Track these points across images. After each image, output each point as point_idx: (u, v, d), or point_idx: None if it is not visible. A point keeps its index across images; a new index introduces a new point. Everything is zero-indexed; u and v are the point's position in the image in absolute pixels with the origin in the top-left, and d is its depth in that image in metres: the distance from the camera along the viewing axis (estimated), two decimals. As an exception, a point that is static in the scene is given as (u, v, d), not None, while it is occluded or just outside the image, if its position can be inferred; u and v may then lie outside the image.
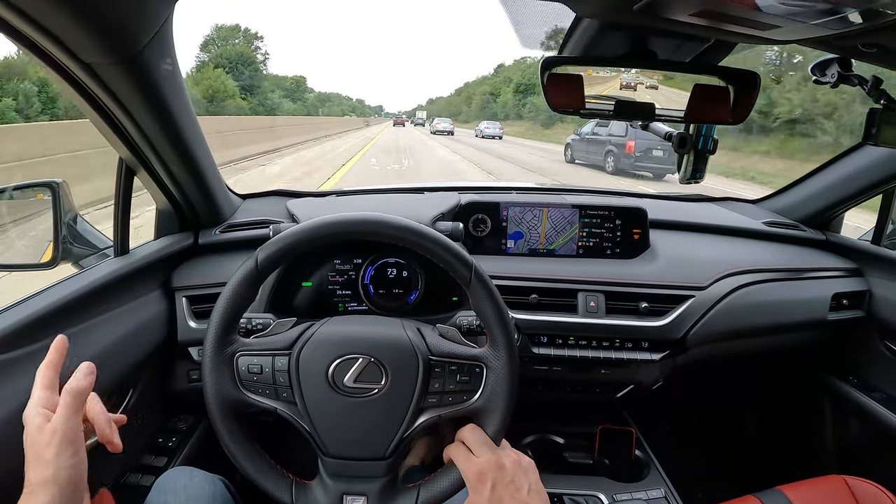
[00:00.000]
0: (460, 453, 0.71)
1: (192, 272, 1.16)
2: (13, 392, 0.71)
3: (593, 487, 1.14)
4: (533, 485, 0.69)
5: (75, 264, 1.08)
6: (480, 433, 0.71)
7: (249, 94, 47.58)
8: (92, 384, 0.63)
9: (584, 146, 13.94)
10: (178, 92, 0.89)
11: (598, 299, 1.19)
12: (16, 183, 1.07)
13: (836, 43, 0.79)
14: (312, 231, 0.72)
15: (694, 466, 1.64)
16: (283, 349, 0.73)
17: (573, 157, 14.80)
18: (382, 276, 1.17)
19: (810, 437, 1.60)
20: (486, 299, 0.73)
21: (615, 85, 0.90)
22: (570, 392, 1.29)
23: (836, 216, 1.53)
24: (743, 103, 0.83)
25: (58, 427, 0.59)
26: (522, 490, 0.67)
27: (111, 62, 0.74)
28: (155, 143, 0.94)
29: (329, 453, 0.71)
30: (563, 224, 1.29)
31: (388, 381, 0.71)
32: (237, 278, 0.71)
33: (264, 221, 1.27)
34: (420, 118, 74.94)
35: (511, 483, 0.67)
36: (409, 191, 1.57)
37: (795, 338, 1.41)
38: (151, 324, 1.06)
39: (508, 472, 0.68)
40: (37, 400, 0.61)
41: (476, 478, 0.67)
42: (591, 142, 13.50)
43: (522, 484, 0.68)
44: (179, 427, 1.21)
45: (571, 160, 14.86)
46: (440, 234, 0.73)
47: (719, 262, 1.29)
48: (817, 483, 1.10)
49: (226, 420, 0.70)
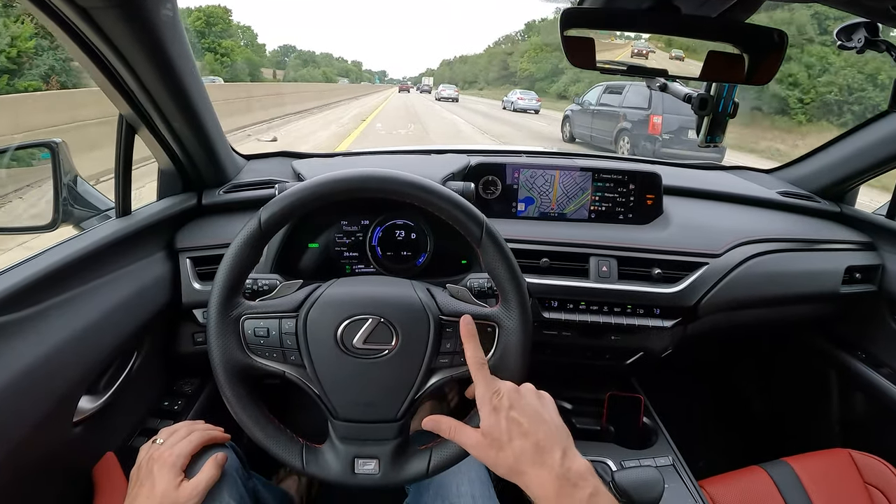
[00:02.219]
0: (479, 377, 0.67)
1: (196, 233, 1.14)
2: (14, 354, 0.69)
3: (601, 453, 1.14)
4: (554, 416, 0.65)
5: (76, 226, 1.06)
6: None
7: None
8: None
9: (588, 120, 10.87)
10: (178, 40, 0.85)
11: (611, 264, 1.17)
12: (17, 143, 1.05)
13: (866, 3, 0.76)
14: (316, 188, 0.70)
15: (701, 436, 1.65)
16: (289, 311, 0.71)
17: (572, 135, 11.81)
18: (390, 237, 1.15)
19: (816, 410, 1.60)
20: (497, 257, 0.71)
21: (627, 51, 0.87)
22: (579, 358, 1.28)
23: (851, 188, 1.50)
24: (767, 63, 0.80)
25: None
26: (544, 417, 0.63)
27: (108, 5, 0.70)
28: (156, 96, 0.90)
29: (339, 416, 0.71)
30: (576, 189, 1.27)
31: (398, 341, 0.70)
32: (240, 239, 0.69)
33: (269, 181, 1.24)
34: (426, 84, 73.61)
35: (528, 410, 0.63)
36: (417, 153, 1.54)
37: (806, 309, 1.39)
38: (155, 286, 1.04)
39: (528, 399, 0.65)
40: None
41: (491, 399, 0.64)
42: (599, 115, 10.44)
43: (542, 413, 0.64)
44: (185, 390, 1.21)
45: (570, 138, 11.91)
46: (449, 190, 0.71)
47: (733, 231, 1.26)
48: (822, 456, 1.11)
49: (233, 385, 0.69)
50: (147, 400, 1.12)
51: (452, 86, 46.45)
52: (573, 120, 11.79)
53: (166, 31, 0.80)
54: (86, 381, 0.83)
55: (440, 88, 43.07)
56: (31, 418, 0.70)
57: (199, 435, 0.78)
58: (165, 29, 0.80)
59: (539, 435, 0.61)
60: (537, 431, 0.61)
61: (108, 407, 0.89)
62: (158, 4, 0.76)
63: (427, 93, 60.17)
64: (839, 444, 1.16)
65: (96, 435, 0.88)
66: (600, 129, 10.30)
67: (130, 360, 1.00)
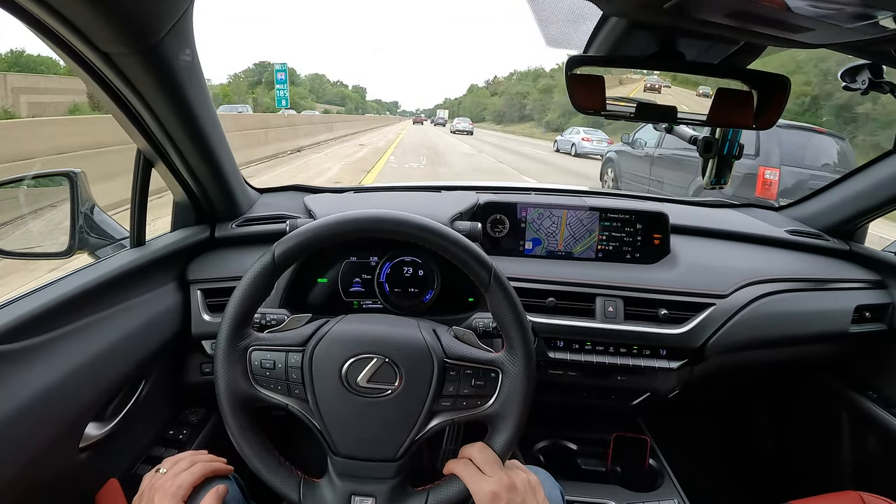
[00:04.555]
0: (469, 472, 0.69)
1: (208, 265, 1.16)
2: (28, 378, 0.71)
3: (606, 495, 1.13)
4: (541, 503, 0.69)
5: (91, 254, 1.08)
6: (490, 452, 0.70)
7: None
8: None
9: (644, 167, 7.66)
10: (197, 83, 0.89)
11: (617, 304, 1.17)
12: (35, 172, 1.08)
13: (868, 49, 0.77)
14: (330, 227, 0.71)
15: (708, 477, 1.62)
16: (297, 345, 0.72)
17: (617, 184, 8.63)
18: (398, 274, 1.16)
19: (826, 451, 1.56)
20: (504, 303, 0.72)
21: (639, 87, 0.89)
22: (585, 398, 1.27)
23: (860, 226, 1.50)
24: (771, 108, 0.82)
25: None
26: None
27: (130, 52, 0.73)
28: (173, 134, 0.94)
29: (339, 452, 0.71)
30: (583, 231, 1.28)
31: (401, 382, 0.70)
32: (253, 272, 0.70)
33: (281, 216, 1.26)
34: (441, 117, 72.08)
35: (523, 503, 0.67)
36: (427, 189, 1.56)
37: (816, 350, 1.38)
38: (166, 316, 1.06)
39: (520, 492, 0.67)
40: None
41: (489, 499, 0.66)
42: (663, 162, 7.17)
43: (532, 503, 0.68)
44: (190, 420, 1.21)
45: (614, 187, 8.72)
46: (459, 234, 0.72)
47: (741, 271, 1.26)
48: (832, 498, 1.09)
49: (236, 414, 0.70)
50: (153, 428, 1.12)
51: (466, 119, 47.69)
52: (619, 165, 8.66)
53: (185, 74, 0.84)
54: (94, 407, 0.84)
55: (455, 122, 44.09)
56: (40, 442, 0.71)
57: (201, 466, 0.78)
58: (184, 73, 0.83)
59: None
60: None
61: (114, 434, 0.90)
62: (178, 51, 0.79)
63: (442, 125, 59.83)
64: (850, 485, 1.14)
65: (101, 461, 0.89)
66: (668, 180, 6.98)
67: (138, 388, 1.01)
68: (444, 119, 68.75)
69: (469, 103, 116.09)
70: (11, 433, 0.67)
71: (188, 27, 0.79)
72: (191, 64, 0.84)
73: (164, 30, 0.74)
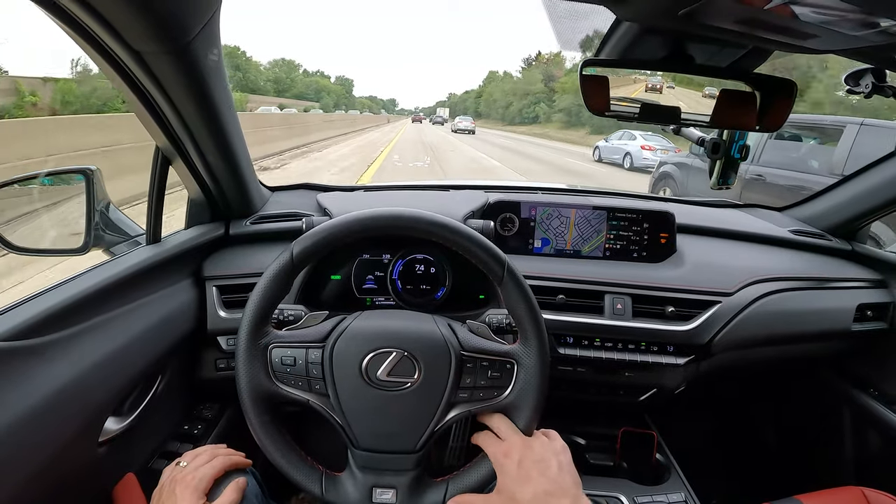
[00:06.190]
0: (489, 438, 0.72)
1: (223, 262, 1.18)
2: (49, 375, 0.72)
3: (614, 489, 1.14)
4: (565, 464, 0.69)
5: (106, 251, 1.09)
6: (509, 421, 0.72)
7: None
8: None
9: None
10: (221, 83, 0.90)
11: (625, 302, 1.19)
12: (49, 169, 1.09)
13: (872, 54, 0.79)
14: (348, 225, 0.73)
15: (713, 472, 1.64)
16: (316, 342, 0.74)
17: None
18: (410, 271, 1.18)
19: (829, 447, 1.58)
20: (518, 296, 0.73)
21: (640, 88, 0.90)
22: (593, 393, 1.29)
23: (862, 227, 1.51)
24: (777, 111, 0.84)
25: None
26: (552, 468, 0.67)
27: (162, 51, 0.75)
28: (195, 132, 0.95)
29: (360, 446, 0.72)
30: (591, 231, 1.30)
31: (420, 375, 0.72)
32: (273, 270, 0.72)
33: (295, 214, 1.28)
34: (439, 116, 70.99)
35: (540, 461, 0.68)
36: (435, 188, 1.58)
37: (818, 347, 1.40)
38: (181, 312, 1.07)
39: (536, 450, 0.69)
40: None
41: (503, 454, 0.68)
42: (755, 186, 5.05)
43: (551, 462, 0.68)
44: (205, 415, 1.23)
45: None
46: (474, 231, 0.74)
47: (746, 269, 1.28)
48: (834, 494, 1.10)
49: (259, 411, 0.71)
50: (168, 423, 1.13)
51: (468, 118, 47.10)
52: (683, 183, 6.73)
53: (211, 74, 0.85)
54: (113, 403, 0.85)
55: (456, 120, 43.62)
56: (61, 437, 0.73)
57: (222, 460, 0.79)
58: (211, 72, 0.85)
59: (547, 485, 0.65)
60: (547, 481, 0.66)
61: (132, 429, 0.92)
62: (206, 51, 0.81)
63: (440, 124, 58.58)
64: (852, 481, 1.15)
65: (119, 456, 0.90)
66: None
67: (154, 383, 1.02)
68: (442, 118, 67.61)
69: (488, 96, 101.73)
70: (35, 427, 0.68)
71: (216, 28, 0.81)
72: (217, 63, 0.86)
73: (196, 30, 0.75)
